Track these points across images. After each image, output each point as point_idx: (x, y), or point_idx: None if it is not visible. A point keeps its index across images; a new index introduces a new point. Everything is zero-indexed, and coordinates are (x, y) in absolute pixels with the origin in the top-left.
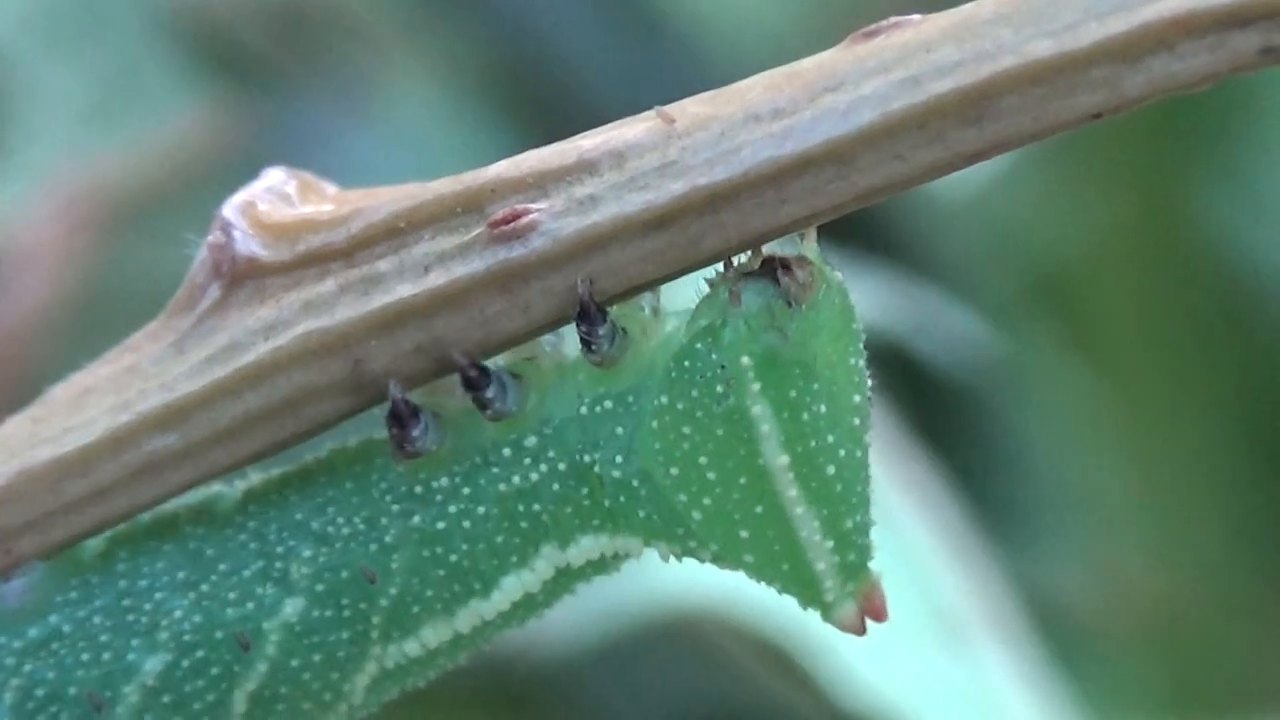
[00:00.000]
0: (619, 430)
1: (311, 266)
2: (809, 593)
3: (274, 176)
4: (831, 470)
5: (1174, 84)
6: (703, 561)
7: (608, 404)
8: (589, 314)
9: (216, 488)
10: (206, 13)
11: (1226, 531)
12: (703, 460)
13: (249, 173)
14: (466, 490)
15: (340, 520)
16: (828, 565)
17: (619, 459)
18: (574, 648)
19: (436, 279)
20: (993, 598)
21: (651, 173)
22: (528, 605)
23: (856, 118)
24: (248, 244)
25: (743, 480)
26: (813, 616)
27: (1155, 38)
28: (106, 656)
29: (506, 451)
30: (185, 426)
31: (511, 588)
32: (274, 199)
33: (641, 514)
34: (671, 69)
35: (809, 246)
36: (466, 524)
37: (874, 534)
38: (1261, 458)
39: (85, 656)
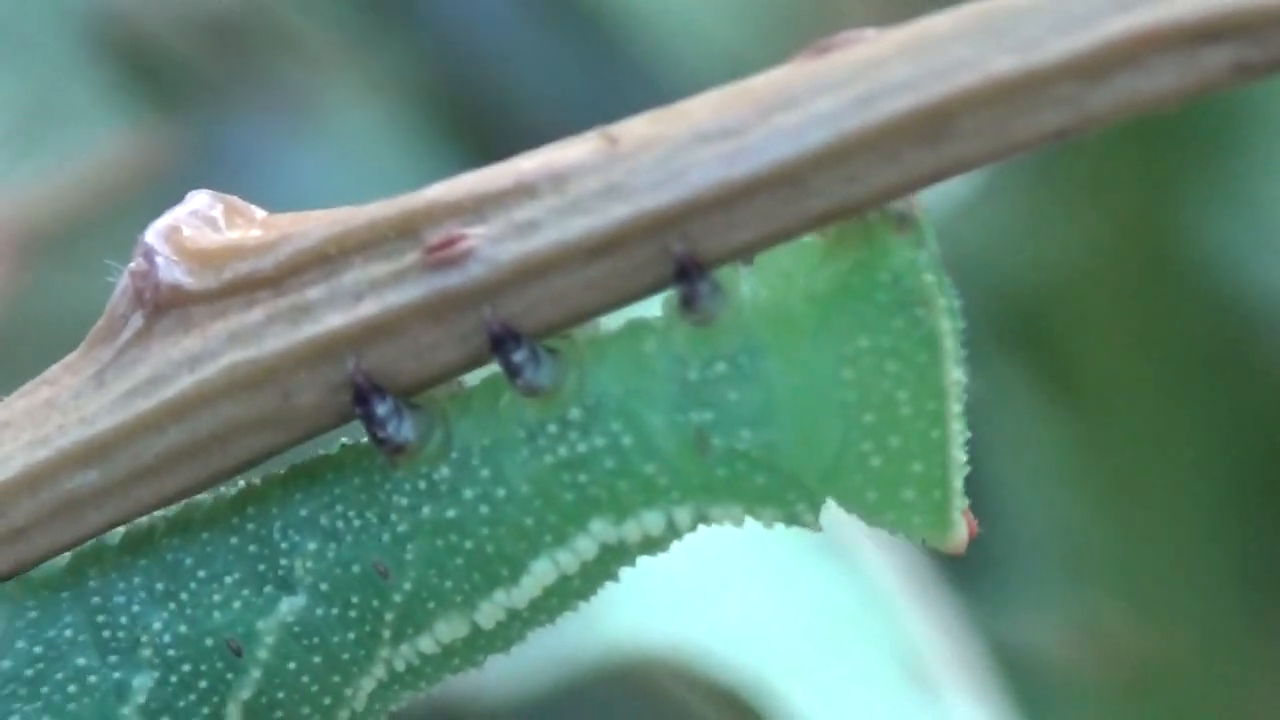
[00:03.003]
0: (732, 396)
1: (238, 295)
2: (940, 519)
3: (199, 200)
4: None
5: (1141, 102)
6: (803, 525)
7: (720, 366)
8: (689, 272)
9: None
10: (133, 28)
11: (1213, 582)
12: (902, 395)
13: (179, 196)
14: (486, 472)
15: (351, 514)
16: (959, 483)
17: (746, 432)
18: (521, 696)
19: (369, 308)
20: (961, 647)
21: (594, 196)
22: (561, 594)
23: (808, 138)
24: (171, 271)
25: (931, 405)
26: (768, 660)
27: (1121, 54)
28: (92, 680)
29: (551, 428)
30: (106, 463)
31: (543, 571)
32: (199, 223)
33: (760, 480)
34: (622, 88)
35: None
36: (485, 508)
37: (835, 575)
38: (1256, 503)
39: (72, 689)
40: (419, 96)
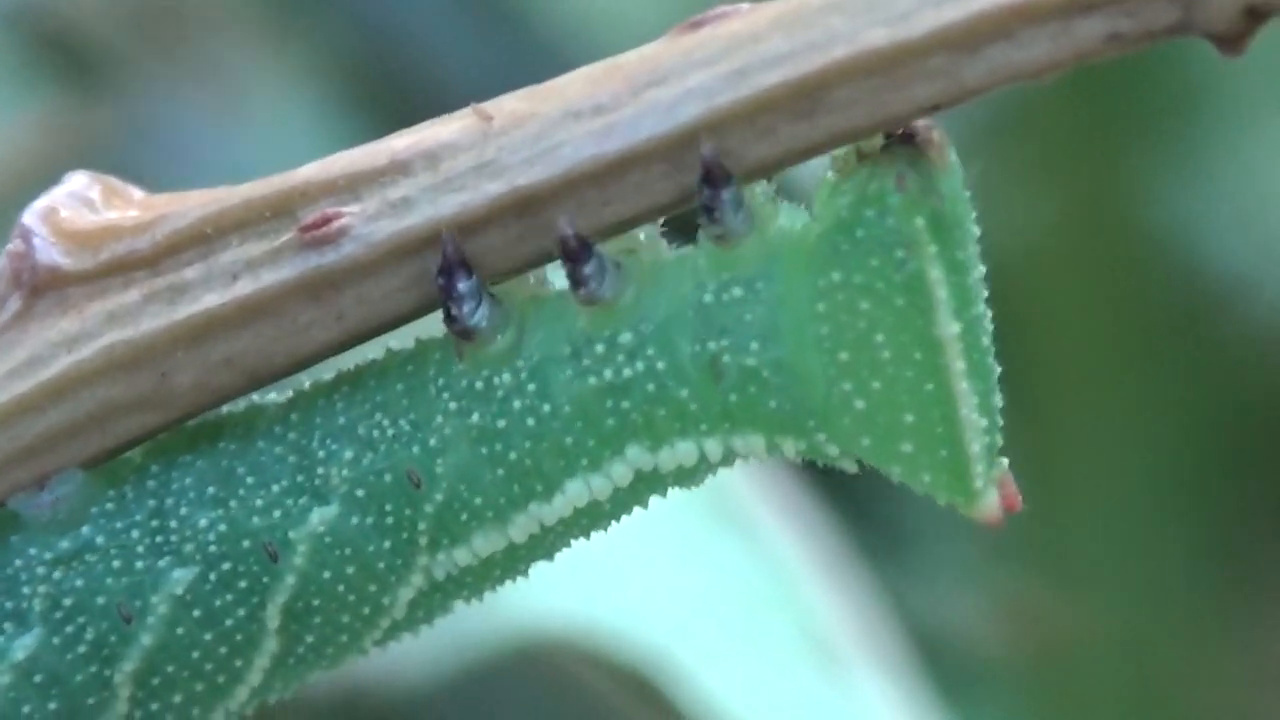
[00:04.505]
0: (747, 317)
1: (115, 275)
2: (958, 482)
3: (77, 181)
4: (985, 341)
5: (1016, 73)
6: (825, 459)
7: (736, 290)
8: (714, 179)
9: (270, 396)
10: (52, 8)
11: (1146, 562)
12: (879, 338)
13: None
14: (533, 386)
15: (385, 423)
16: (981, 447)
17: (754, 346)
18: (428, 680)
19: (245, 287)
20: (872, 623)
21: (467, 173)
22: (592, 515)
23: (681, 113)
24: (49, 252)
25: (918, 355)
26: (674, 640)
27: (994, 26)
28: (139, 567)
29: (599, 348)
30: None
31: (576, 492)
32: (77, 205)
33: (772, 404)
34: (543, 68)
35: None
36: (531, 421)
37: (740, 551)
38: (1206, 477)
39: (116, 565)
40: (342, 76)
